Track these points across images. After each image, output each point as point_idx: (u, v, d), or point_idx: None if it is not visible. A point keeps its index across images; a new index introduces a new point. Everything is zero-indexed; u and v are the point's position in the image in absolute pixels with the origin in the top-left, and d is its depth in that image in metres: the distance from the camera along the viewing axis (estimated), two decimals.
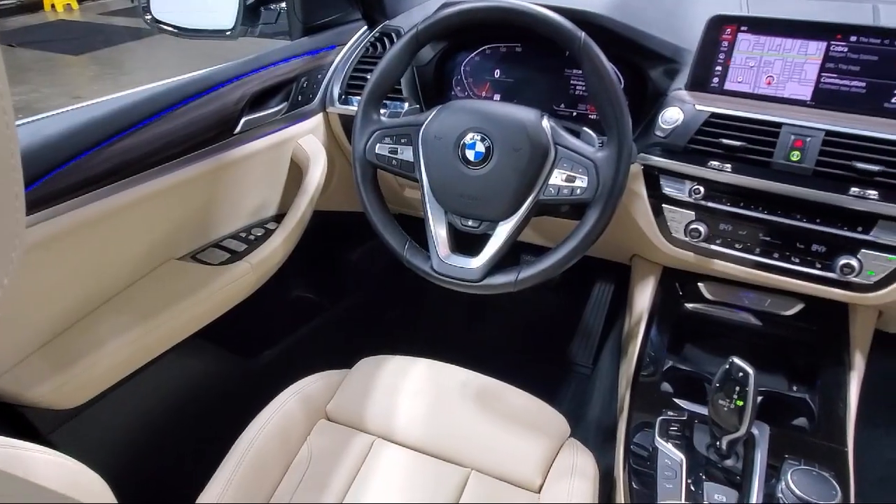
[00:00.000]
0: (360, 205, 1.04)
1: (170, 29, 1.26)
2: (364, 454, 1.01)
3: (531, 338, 1.83)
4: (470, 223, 0.97)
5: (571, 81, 1.18)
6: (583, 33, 0.87)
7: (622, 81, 1.12)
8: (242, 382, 1.40)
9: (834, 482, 0.83)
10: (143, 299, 1.01)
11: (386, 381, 1.10)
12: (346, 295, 1.68)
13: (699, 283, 1.17)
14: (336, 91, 1.30)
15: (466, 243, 0.99)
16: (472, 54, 1.25)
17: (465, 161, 0.93)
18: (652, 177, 1.06)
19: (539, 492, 0.94)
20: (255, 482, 0.94)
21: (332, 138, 1.35)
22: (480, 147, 0.92)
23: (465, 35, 1.21)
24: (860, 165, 0.89)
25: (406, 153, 1.00)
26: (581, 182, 0.89)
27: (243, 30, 1.24)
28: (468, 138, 0.93)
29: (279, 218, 1.26)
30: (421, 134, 0.98)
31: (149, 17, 1.25)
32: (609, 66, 0.87)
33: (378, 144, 1.01)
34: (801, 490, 0.82)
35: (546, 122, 0.92)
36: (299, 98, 1.25)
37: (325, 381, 1.11)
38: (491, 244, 0.95)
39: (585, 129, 0.95)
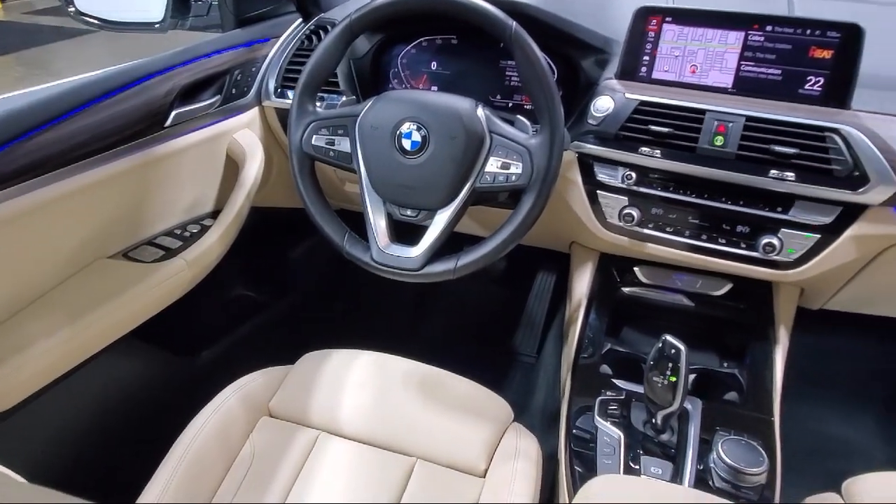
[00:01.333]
0: (298, 198, 1.03)
1: (95, 22, 1.21)
2: (308, 449, 1.00)
3: (477, 329, 1.85)
4: (408, 212, 0.97)
5: (507, 73, 1.19)
6: (514, 22, 0.89)
7: (556, 72, 1.15)
8: (181, 383, 1.36)
9: (761, 450, 0.87)
10: (72, 299, 0.98)
11: (330, 374, 1.09)
12: (289, 291, 1.66)
13: (635, 268, 1.21)
14: (272, 84, 1.28)
15: (406, 233, 1.00)
16: (409, 47, 1.25)
17: (402, 151, 0.94)
18: (586, 164, 1.09)
19: (484, 476, 0.96)
20: (195, 483, 0.92)
21: (268, 132, 1.34)
22: (417, 136, 0.93)
23: (400, 26, 1.22)
24: (778, 149, 0.93)
25: (343, 144, 0.99)
26: (516, 169, 0.91)
27: (173, 22, 1.21)
28: (405, 128, 0.93)
29: (216, 214, 1.23)
30: (357, 124, 0.97)
31: (72, 9, 1.20)
32: (540, 54, 0.89)
33: (315, 136, 1.00)
34: (731, 458, 0.86)
35: (481, 111, 0.93)
36: (233, 91, 1.23)
37: (268, 377, 1.10)
38: (430, 233, 0.95)
39: (520, 117, 0.97)
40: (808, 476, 1.01)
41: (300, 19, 1.37)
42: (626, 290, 1.20)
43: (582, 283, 1.23)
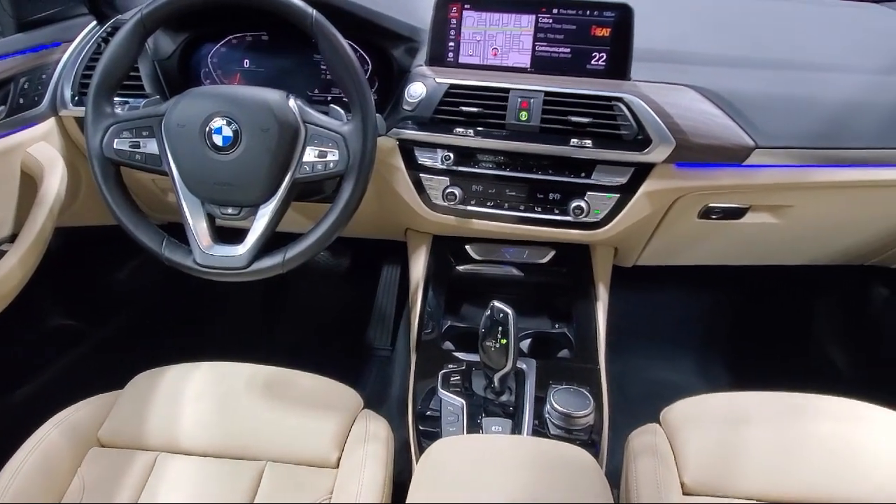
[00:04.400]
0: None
1: None
2: (146, 473, 0.94)
3: (330, 329, 1.83)
4: (230, 210, 0.95)
5: (322, 67, 1.19)
6: (314, 10, 0.89)
7: (370, 63, 1.17)
8: None
9: (587, 394, 0.95)
10: None
11: (165, 392, 1.03)
12: (113, 314, 1.53)
13: (466, 246, 1.26)
14: (67, 92, 1.18)
15: (230, 232, 0.97)
16: (218, 45, 1.21)
17: (214, 147, 0.91)
18: (407, 150, 1.12)
19: (338, 466, 0.95)
20: None
21: (70, 144, 1.23)
22: (227, 131, 0.90)
23: (205, 23, 1.17)
24: (575, 119, 1.02)
25: (150, 146, 0.94)
26: (333, 156, 0.92)
27: None
28: (214, 123, 0.91)
29: (15, 238, 1.11)
30: (164, 124, 0.93)
31: None
32: (345, 42, 0.90)
33: (116, 139, 0.94)
34: (562, 405, 0.93)
35: (293, 102, 0.93)
36: (20, 101, 1.11)
37: (93, 406, 1.01)
38: (254, 229, 0.93)
39: (333, 106, 0.98)
40: (642, 418, 1.11)
41: (94, 22, 1.27)
42: (460, 268, 1.25)
43: (418, 267, 1.26)
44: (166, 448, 0.97)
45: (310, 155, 0.92)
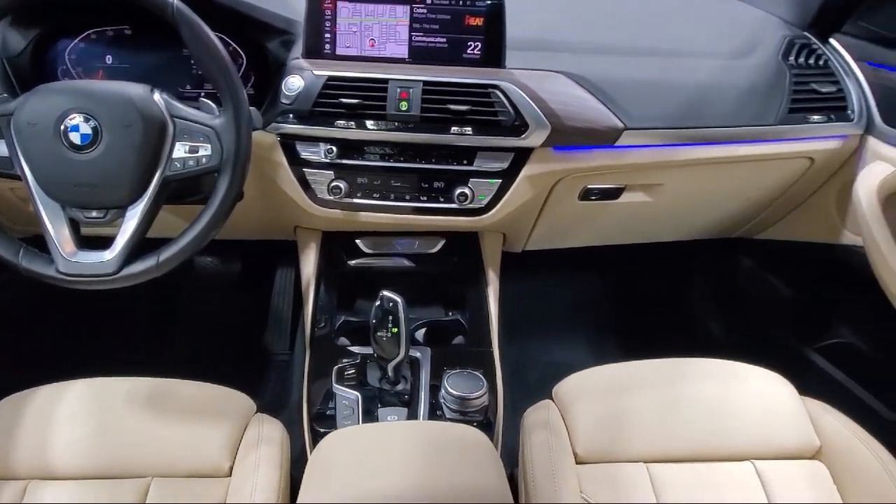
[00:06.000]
0: None
1: None
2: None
3: (226, 337, 1.76)
4: (94, 214, 0.88)
5: (192, 61, 1.14)
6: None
7: (244, 58, 1.13)
8: None
9: (481, 376, 0.97)
10: None
11: (34, 415, 0.95)
12: None
13: (357, 241, 1.25)
14: None
15: (97, 237, 0.91)
16: (76, 41, 1.13)
17: (72, 146, 0.85)
18: (289, 145, 1.09)
19: (230, 474, 0.91)
20: None
21: None
22: (86, 128, 0.84)
23: (56, 16, 1.09)
24: (454, 107, 1.03)
25: None
26: (205, 151, 0.88)
27: None
28: (70, 120, 0.84)
29: None
30: (12, 123, 0.85)
31: None
32: (209, 30, 0.86)
33: None
34: (456, 389, 0.94)
35: (158, 96, 0.88)
36: None
37: None
38: (123, 231, 0.88)
39: (203, 99, 0.94)
40: (540, 399, 1.14)
41: None
42: (351, 262, 1.24)
43: (309, 265, 1.24)
44: (38, 475, 0.89)
45: (180, 151, 0.88)
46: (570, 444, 0.94)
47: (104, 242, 0.89)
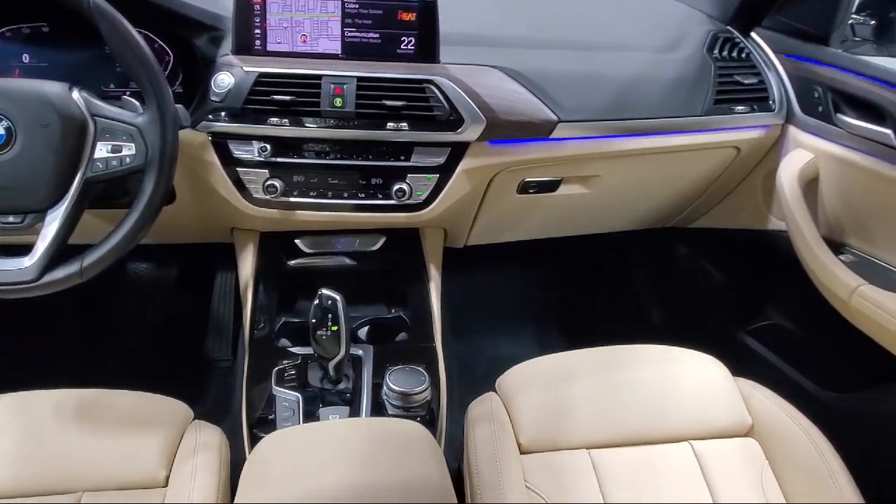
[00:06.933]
0: None
1: None
2: None
3: (164, 345, 1.70)
4: (11, 219, 0.84)
5: (115, 59, 1.10)
6: None
7: (171, 55, 1.09)
8: None
9: (423, 371, 0.97)
10: None
11: None
12: None
13: (296, 240, 1.23)
14: None
15: (13, 244, 0.86)
16: None
17: None
18: (220, 144, 1.06)
19: (166, 484, 0.88)
20: None
21: None
22: None
23: None
24: (389, 103, 1.03)
25: None
26: (129, 150, 0.85)
27: None
28: None
29: None
30: None
31: None
32: (129, 24, 0.83)
33: None
34: (398, 385, 0.93)
35: (77, 94, 0.85)
36: None
37: None
38: (43, 236, 0.84)
39: (126, 97, 0.90)
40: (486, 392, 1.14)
41: None
42: (291, 263, 1.22)
43: (247, 267, 1.21)
44: None
45: (102, 151, 0.84)
46: (513, 434, 0.95)
47: (24, 250, 0.85)
